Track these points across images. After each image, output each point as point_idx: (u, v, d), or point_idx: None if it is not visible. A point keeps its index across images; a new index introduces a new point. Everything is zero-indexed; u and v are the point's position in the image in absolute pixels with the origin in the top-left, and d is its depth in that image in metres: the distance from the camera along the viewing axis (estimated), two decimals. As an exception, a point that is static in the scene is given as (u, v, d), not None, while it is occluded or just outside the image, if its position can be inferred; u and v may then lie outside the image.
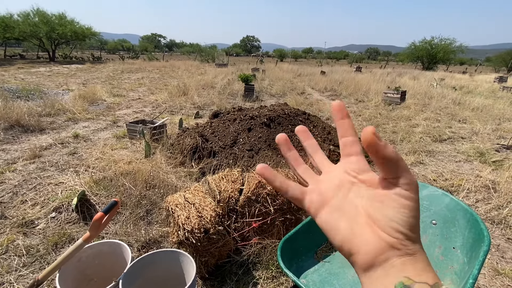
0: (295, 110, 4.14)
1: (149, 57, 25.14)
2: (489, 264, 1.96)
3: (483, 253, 1.06)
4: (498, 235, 2.29)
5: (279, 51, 56.12)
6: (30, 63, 17.06)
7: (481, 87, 12.11)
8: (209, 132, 3.68)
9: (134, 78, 11.35)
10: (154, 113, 5.73)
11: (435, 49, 28.16)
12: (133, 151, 3.56)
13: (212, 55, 25.75)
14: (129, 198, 2.37)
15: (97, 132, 4.39)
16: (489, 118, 6.17)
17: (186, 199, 1.66)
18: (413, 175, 0.24)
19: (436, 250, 1.33)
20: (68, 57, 23.01)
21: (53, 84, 8.92)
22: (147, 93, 8.07)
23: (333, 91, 10.07)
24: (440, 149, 4.23)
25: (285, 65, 21.99)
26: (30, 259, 1.82)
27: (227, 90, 8.58)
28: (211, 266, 1.66)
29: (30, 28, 18.96)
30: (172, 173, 2.89)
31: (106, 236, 2.02)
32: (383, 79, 13.10)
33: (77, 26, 21.81)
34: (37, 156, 3.31)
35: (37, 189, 2.60)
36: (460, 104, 7.69)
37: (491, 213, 2.57)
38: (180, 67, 16.23)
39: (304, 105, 7.05)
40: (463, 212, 1.31)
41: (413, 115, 6.25)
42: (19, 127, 4.21)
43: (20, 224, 2.11)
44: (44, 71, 12.91)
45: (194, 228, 1.48)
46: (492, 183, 3.07)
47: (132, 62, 19.28)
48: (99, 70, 13.93)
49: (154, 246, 1.96)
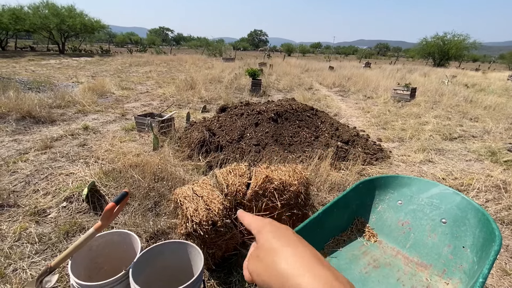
0: (302, 105, 4.11)
1: (157, 51, 25.19)
2: (498, 264, 1.94)
3: (494, 253, 1.05)
4: (508, 235, 2.26)
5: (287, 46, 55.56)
6: (40, 55, 17.30)
7: (494, 85, 11.79)
8: (216, 127, 3.69)
9: (142, 72, 11.41)
10: (162, 106, 5.77)
11: (447, 45, 27.45)
12: (142, 144, 3.60)
13: (220, 49, 25.65)
14: (137, 190, 2.40)
15: (106, 125, 4.45)
16: (502, 117, 6.02)
17: (194, 191, 1.68)
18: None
19: (445, 249, 1.32)
20: (78, 49, 23.23)
21: (63, 77, 9.04)
22: (155, 86, 8.12)
23: (341, 87, 9.95)
24: (450, 148, 4.15)
25: (292, 60, 21.78)
26: (42, 246, 1.87)
27: (234, 84, 8.55)
28: (218, 258, 1.68)
29: (41, 20, 19.17)
30: (180, 166, 2.92)
31: (116, 226, 2.06)
32: (392, 75, 12.87)
33: (86, 18, 21.96)
34: (49, 147, 3.38)
35: (49, 179, 2.66)
36: (472, 102, 7.51)
37: (501, 213, 2.52)
38: (187, 61, 16.23)
39: (311, 101, 6.99)
40: (474, 211, 1.29)
41: (423, 113, 6.14)
42: (31, 118, 4.29)
43: (33, 212, 2.17)
44: (54, 63, 13.08)
45: (202, 221, 1.50)
46: (503, 183, 3.01)
47: (140, 56, 19.36)
48: (108, 63, 14.04)
49: (162, 237, 1.99)
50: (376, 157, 3.53)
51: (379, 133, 4.73)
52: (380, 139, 4.37)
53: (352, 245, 1.49)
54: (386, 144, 4.23)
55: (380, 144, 4.05)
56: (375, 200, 1.62)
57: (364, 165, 3.31)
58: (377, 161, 3.47)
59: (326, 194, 2.52)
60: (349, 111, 6.41)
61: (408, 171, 3.33)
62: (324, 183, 2.62)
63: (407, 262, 1.37)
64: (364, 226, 1.58)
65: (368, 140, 3.95)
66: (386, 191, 1.60)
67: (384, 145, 4.10)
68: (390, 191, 1.59)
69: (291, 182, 1.85)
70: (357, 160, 3.22)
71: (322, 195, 2.49)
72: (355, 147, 3.58)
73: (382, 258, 1.40)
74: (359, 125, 5.24)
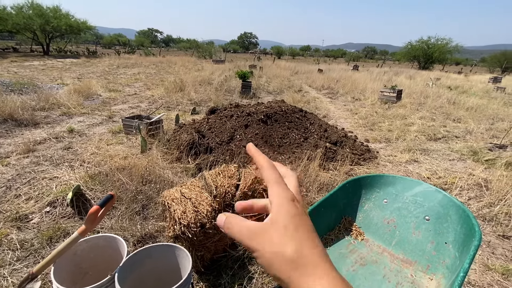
0: (292, 107, 4.15)
1: (146, 52, 24.89)
2: (480, 259, 2.01)
3: (474, 248, 1.08)
4: (489, 231, 2.34)
5: (277, 48, 55.95)
6: (23, 56, 16.76)
7: (476, 87, 12.24)
8: (205, 128, 3.67)
9: (130, 73, 11.24)
10: (150, 108, 5.69)
11: (431, 49, 28.34)
12: (129, 147, 3.54)
13: (209, 51, 25.58)
14: (125, 193, 2.36)
15: (93, 127, 4.35)
16: (483, 118, 6.26)
17: (182, 194, 1.66)
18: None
19: (428, 245, 1.35)
20: (63, 51, 22.65)
21: (47, 78, 8.79)
22: (143, 88, 8.01)
23: (330, 89, 10.10)
24: (435, 148, 4.28)
25: (282, 62, 21.95)
26: (24, 253, 1.80)
27: (224, 86, 8.54)
28: (207, 260, 1.66)
29: (24, 20, 18.60)
30: (168, 169, 2.88)
31: (102, 231, 2.01)
32: (380, 77, 13.17)
33: (72, 19, 21.47)
34: (31, 150, 3.27)
35: (31, 183, 2.58)
36: (455, 103, 7.77)
37: (483, 210, 2.62)
38: (177, 63, 16.10)
39: (301, 103, 7.06)
40: (455, 208, 1.34)
41: (409, 114, 6.30)
42: (13, 121, 4.15)
43: (14, 218, 2.09)
44: (37, 64, 12.70)
45: (191, 223, 1.49)
46: (484, 181, 3.12)
47: (128, 57, 19.06)
48: (95, 65, 13.75)
49: (150, 240, 1.96)
50: (363, 157, 3.59)
51: (367, 134, 4.82)
52: (367, 140, 4.46)
53: (340, 243, 1.51)
54: (373, 144, 4.31)
55: (368, 145, 4.13)
56: (362, 199, 1.65)
57: (352, 165, 3.36)
58: (365, 162, 3.53)
59: (315, 194, 2.55)
60: (337, 113, 6.51)
61: (395, 171, 3.41)
62: (313, 184, 2.65)
63: (393, 259, 1.40)
64: (351, 225, 1.61)
65: (356, 141, 4.02)
66: (372, 190, 1.63)
67: (371, 146, 4.18)
68: (376, 190, 1.62)
69: (280, 183, 1.86)
70: (345, 161, 3.27)
71: (311, 196, 2.52)
72: (343, 148, 3.64)
73: (368, 255, 1.43)
74: (347, 126, 5.32)
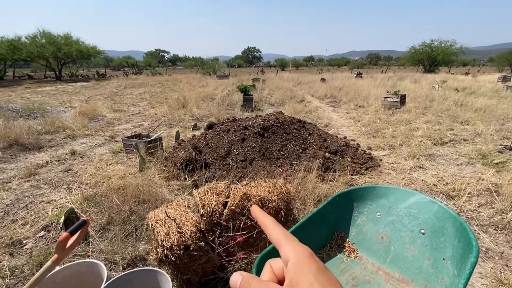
0: (290, 118, 4.11)
1: (152, 72, 25.65)
2: (492, 273, 1.85)
3: (470, 265, 0.98)
4: (502, 241, 2.17)
5: (280, 61, 56.68)
6: (37, 82, 17.57)
7: (484, 87, 11.92)
8: (203, 144, 3.66)
9: (136, 93, 11.54)
10: (152, 126, 5.77)
11: (435, 52, 28.05)
12: (128, 166, 3.56)
13: (214, 67, 26.14)
14: (118, 215, 2.33)
15: (94, 148, 4.42)
16: (492, 119, 6.03)
17: (167, 214, 1.62)
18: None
19: (425, 262, 1.25)
20: (74, 75, 23.66)
21: (57, 102, 9.12)
22: (147, 107, 8.17)
23: (333, 98, 10.04)
24: (441, 153, 4.11)
25: (285, 74, 22.14)
26: (14, 280, 1.78)
27: (226, 101, 8.63)
28: (194, 284, 1.59)
29: (37, 49, 19.64)
30: (165, 187, 2.86)
31: (92, 255, 1.98)
32: (384, 83, 13.04)
33: (82, 45, 22.51)
34: (33, 174, 3.33)
35: (29, 207, 2.59)
36: (463, 105, 7.55)
37: (495, 218, 2.45)
38: (182, 80, 16.48)
39: (303, 113, 7.02)
40: (452, 220, 1.24)
41: (414, 119, 6.15)
42: (18, 145, 4.27)
43: (8, 244, 2.09)
44: (50, 89, 13.25)
45: (174, 245, 1.43)
46: (495, 186, 2.95)
47: (135, 78, 19.67)
48: (103, 87, 14.24)
49: (140, 263, 1.91)
50: (366, 166, 3.48)
51: (370, 142, 4.70)
52: (370, 148, 4.34)
53: (331, 262, 1.41)
54: (376, 152, 4.19)
55: (371, 153, 4.01)
56: (354, 212, 1.56)
57: (353, 175, 3.25)
58: (367, 170, 3.42)
59: (312, 207, 2.46)
60: (340, 121, 6.42)
61: (399, 179, 3.27)
62: (310, 196, 2.56)
63: (388, 278, 1.29)
64: (344, 241, 1.52)
65: (358, 149, 3.92)
66: (364, 203, 1.54)
67: (374, 154, 4.06)
68: (368, 203, 1.53)
69: (270, 198, 1.79)
70: (345, 171, 3.17)
71: (308, 209, 2.43)
72: (344, 157, 3.54)
73: (361, 275, 1.33)
74: (350, 134, 5.22)
